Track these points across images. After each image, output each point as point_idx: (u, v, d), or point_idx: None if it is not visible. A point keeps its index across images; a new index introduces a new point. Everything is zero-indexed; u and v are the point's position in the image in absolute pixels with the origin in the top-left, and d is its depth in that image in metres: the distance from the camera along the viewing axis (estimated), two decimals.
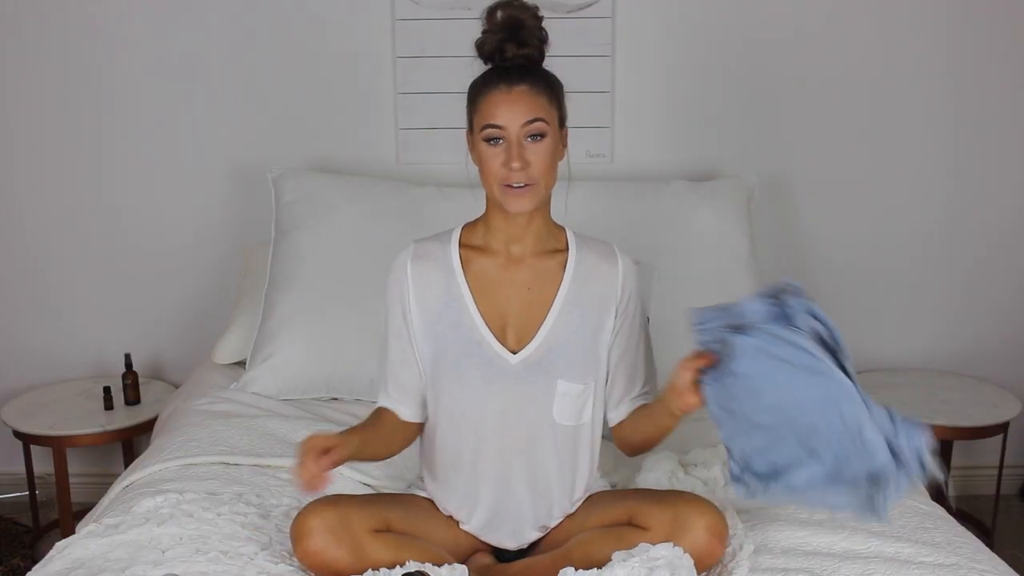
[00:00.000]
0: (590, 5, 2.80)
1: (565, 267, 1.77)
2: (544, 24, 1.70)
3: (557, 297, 1.75)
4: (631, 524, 1.67)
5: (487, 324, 1.74)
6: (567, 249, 1.79)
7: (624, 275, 1.79)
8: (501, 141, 1.65)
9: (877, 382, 2.95)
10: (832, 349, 1.52)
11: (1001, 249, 3.02)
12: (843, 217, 2.98)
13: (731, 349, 1.48)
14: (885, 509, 1.45)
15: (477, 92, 1.70)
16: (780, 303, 1.53)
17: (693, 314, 1.55)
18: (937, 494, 2.09)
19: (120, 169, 2.90)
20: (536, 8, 1.69)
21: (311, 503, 1.64)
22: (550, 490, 1.77)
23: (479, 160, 1.70)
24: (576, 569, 1.61)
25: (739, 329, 1.49)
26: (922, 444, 1.45)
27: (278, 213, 2.63)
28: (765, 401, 1.47)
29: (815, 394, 1.46)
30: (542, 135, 1.65)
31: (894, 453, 1.44)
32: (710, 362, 1.53)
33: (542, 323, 1.74)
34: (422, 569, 1.58)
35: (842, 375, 1.48)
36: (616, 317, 1.78)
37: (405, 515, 1.73)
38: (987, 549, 1.74)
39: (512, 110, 1.64)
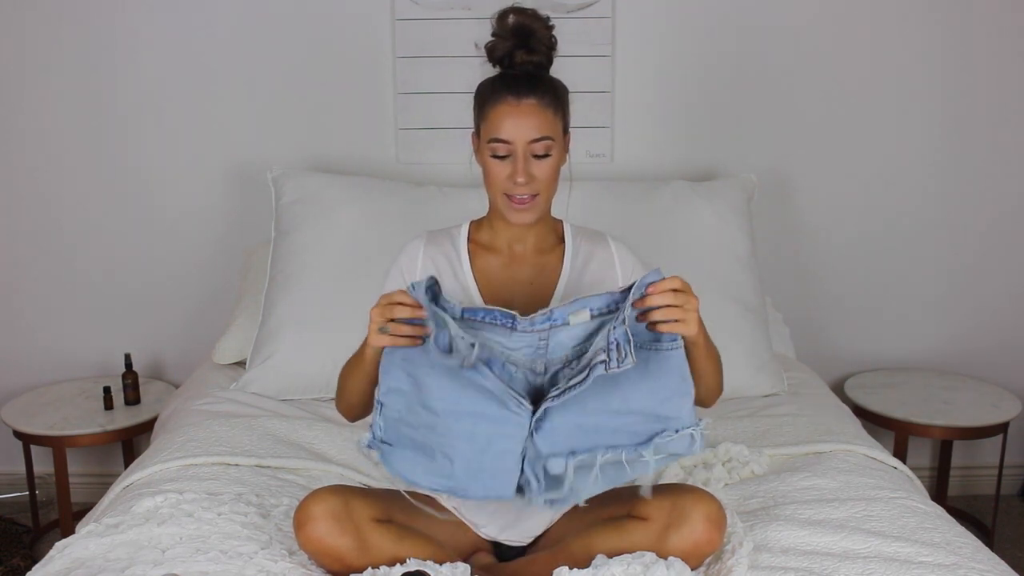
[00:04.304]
0: (590, 5, 2.80)
1: (563, 259, 1.84)
2: (554, 32, 1.73)
3: (557, 288, 1.82)
4: (630, 516, 1.67)
5: None
6: (564, 241, 1.87)
7: (618, 254, 1.86)
8: (507, 155, 1.70)
9: (877, 382, 2.96)
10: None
11: (1001, 249, 3.03)
12: (843, 217, 2.98)
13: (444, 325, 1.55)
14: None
15: (485, 99, 1.73)
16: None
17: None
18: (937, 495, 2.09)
19: (120, 169, 2.90)
20: (547, 18, 1.73)
21: (314, 491, 1.65)
22: None
23: (484, 169, 1.75)
24: (576, 561, 1.62)
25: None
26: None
27: (278, 213, 2.63)
28: (435, 383, 1.54)
29: (440, 405, 1.54)
30: (548, 153, 1.71)
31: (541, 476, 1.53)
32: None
33: None
34: (422, 568, 1.57)
35: (517, 409, 1.53)
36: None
37: (407, 509, 1.74)
38: (987, 549, 1.74)
39: (519, 126, 1.68)
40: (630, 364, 1.50)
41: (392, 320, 1.56)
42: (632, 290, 1.55)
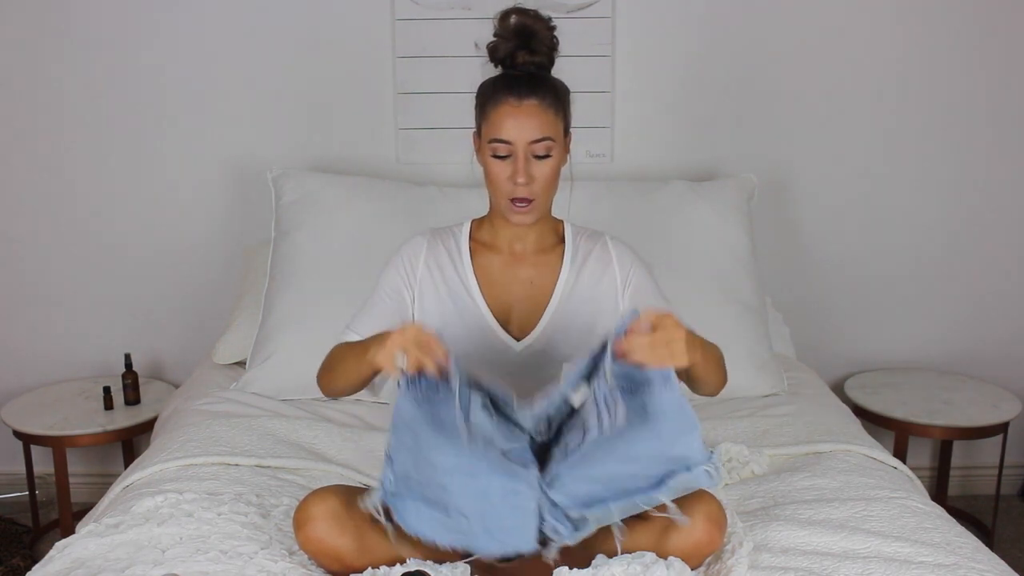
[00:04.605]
0: (590, 5, 2.80)
1: (563, 258, 1.86)
2: (556, 33, 1.74)
3: (557, 287, 1.85)
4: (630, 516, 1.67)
5: (493, 314, 1.83)
6: (564, 241, 1.88)
7: (615, 252, 1.88)
8: (508, 156, 1.71)
9: (877, 382, 2.96)
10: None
11: (1001, 249, 3.03)
12: (843, 217, 2.98)
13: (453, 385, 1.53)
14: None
15: (487, 100, 1.74)
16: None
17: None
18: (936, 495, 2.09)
19: (120, 169, 2.90)
20: (549, 19, 1.73)
21: (314, 491, 1.65)
22: None
23: (485, 169, 1.77)
24: (576, 561, 1.61)
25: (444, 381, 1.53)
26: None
27: (278, 213, 2.63)
28: (444, 442, 1.51)
29: (450, 462, 1.51)
30: (549, 154, 1.72)
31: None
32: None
33: (543, 312, 1.83)
34: (422, 568, 1.57)
35: (525, 474, 1.52)
36: (623, 288, 1.85)
37: None
38: (987, 549, 1.74)
39: (521, 126, 1.69)
40: (622, 421, 1.49)
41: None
42: (609, 342, 1.52)
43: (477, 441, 1.52)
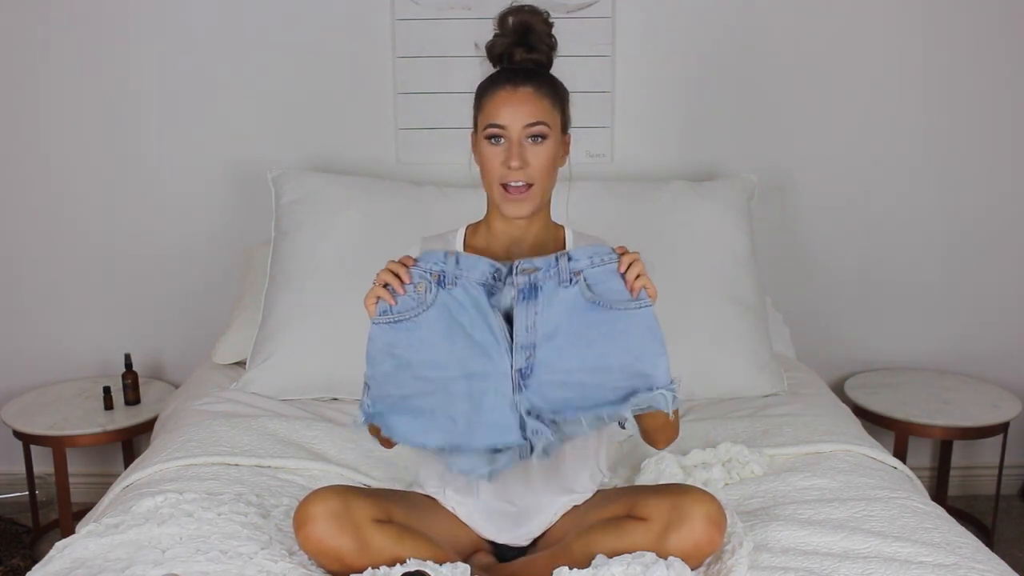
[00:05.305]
0: (590, 5, 2.80)
1: None
2: (553, 31, 1.73)
3: None
4: (630, 516, 1.67)
5: None
6: (565, 246, 1.83)
7: None
8: (502, 140, 1.69)
9: (877, 382, 2.96)
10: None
11: (1001, 249, 3.03)
12: (843, 217, 2.98)
13: (428, 296, 1.64)
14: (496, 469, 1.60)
15: (483, 92, 1.74)
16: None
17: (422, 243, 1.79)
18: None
19: (120, 169, 2.91)
20: (547, 14, 1.73)
21: (314, 491, 1.65)
22: (547, 481, 1.78)
23: (480, 159, 1.74)
24: (576, 562, 1.62)
25: (446, 279, 1.64)
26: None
27: (278, 213, 2.63)
28: (426, 356, 1.62)
29: (432, 372, 1.62)
30: (543, 137, 1.69)
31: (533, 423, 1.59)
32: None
33: None
34: (422, 568, 1.57)
35: (503, 360, 1.60)
36: None
37: (407, 509, 1.74)
38: (987, 549, 1.74)
39: (515, 111, 1.68)
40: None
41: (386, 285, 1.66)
42: (598, 254, 1.63)
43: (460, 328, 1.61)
